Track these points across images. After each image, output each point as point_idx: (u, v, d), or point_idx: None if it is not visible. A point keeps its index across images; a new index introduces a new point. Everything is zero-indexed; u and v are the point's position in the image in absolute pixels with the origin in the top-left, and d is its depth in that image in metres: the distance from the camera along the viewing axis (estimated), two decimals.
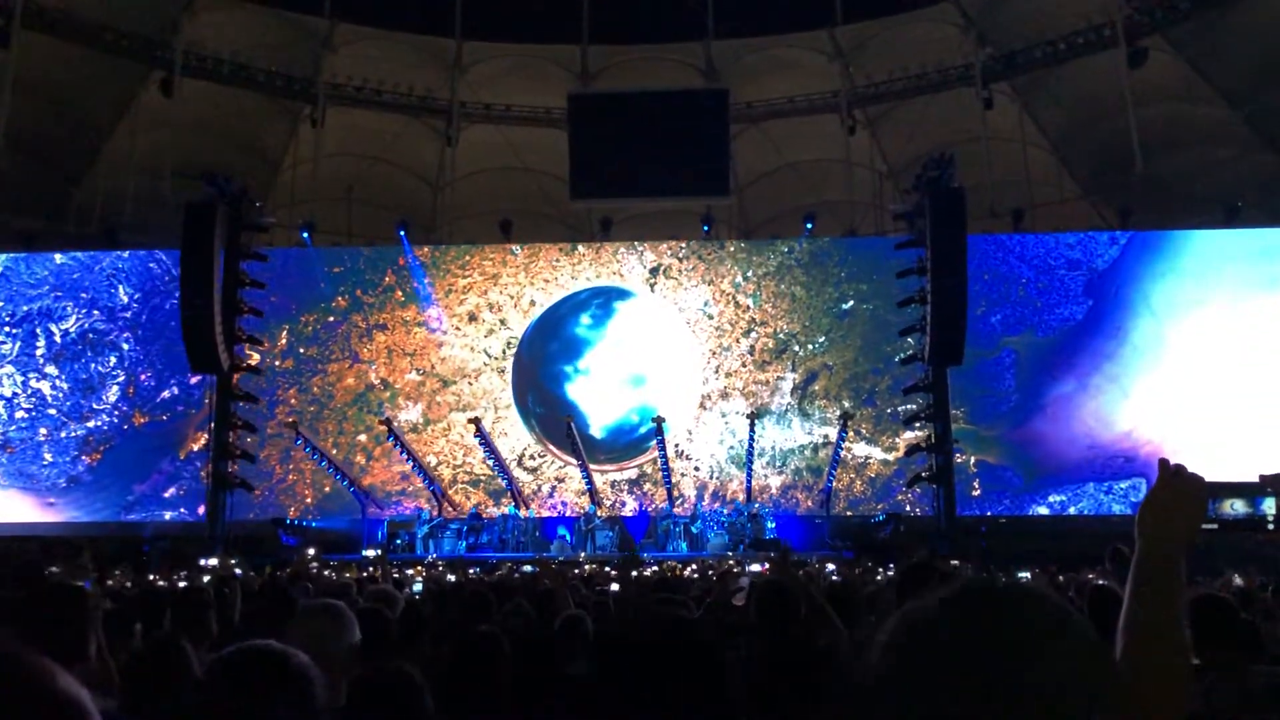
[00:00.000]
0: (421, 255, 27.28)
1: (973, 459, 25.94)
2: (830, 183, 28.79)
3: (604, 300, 26.90)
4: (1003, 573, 13.03)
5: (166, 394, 27.29)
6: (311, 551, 11.57)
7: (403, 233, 25.95)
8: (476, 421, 23.98)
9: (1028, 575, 11.35)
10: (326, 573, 13.30)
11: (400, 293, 27.42)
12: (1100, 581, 7.88)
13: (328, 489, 25.87)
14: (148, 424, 27.06)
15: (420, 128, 29.65)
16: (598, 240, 27.35)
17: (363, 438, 26.27)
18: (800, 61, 28.83)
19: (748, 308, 27.50)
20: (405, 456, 24.18)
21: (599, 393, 26.39)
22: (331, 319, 26.96)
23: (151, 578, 12.07)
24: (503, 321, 27.43)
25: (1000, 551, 19.44)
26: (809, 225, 25.92)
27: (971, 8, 27.40)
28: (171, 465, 26.80)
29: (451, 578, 13.17)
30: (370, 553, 20.20)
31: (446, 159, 29.35)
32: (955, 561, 15.71)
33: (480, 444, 24.29)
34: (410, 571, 13.52)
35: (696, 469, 26.27)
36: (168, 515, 26.04)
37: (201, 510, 25.31)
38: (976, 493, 25.88)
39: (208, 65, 26.66)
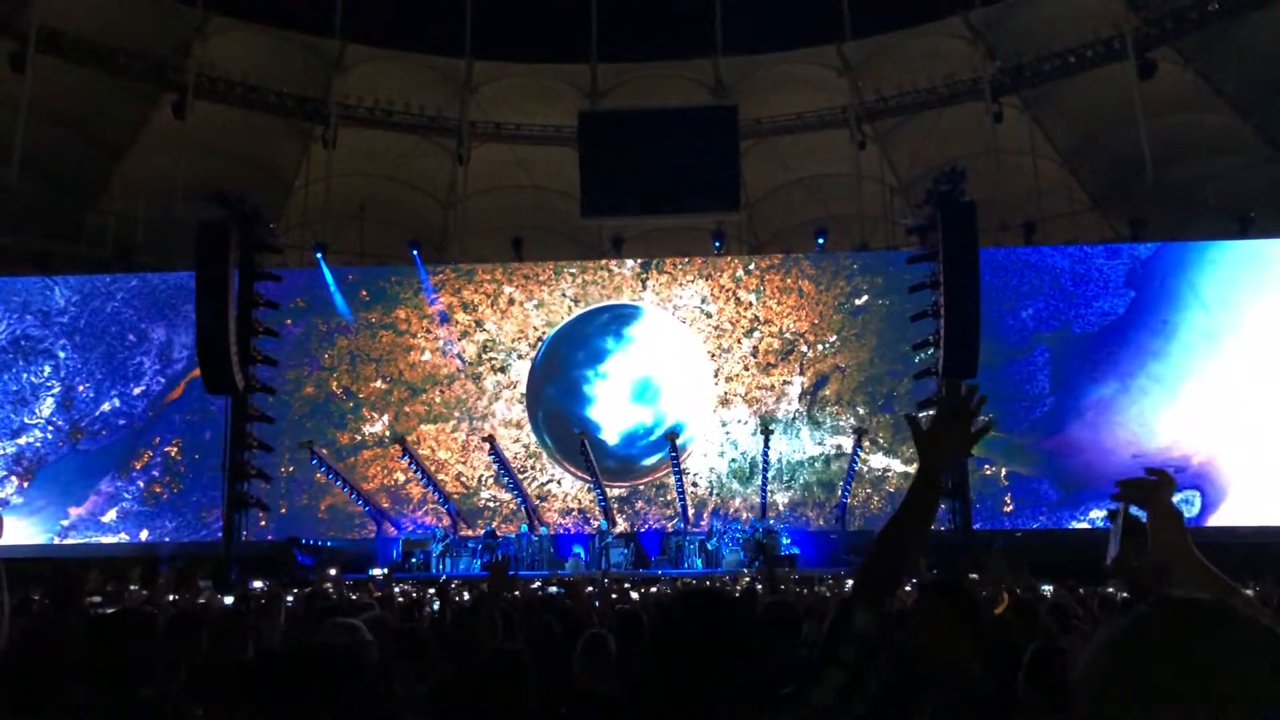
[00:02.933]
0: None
1: (1003, 471, 24.00)
2: (840, 197, 28.74)
3: (619, 323, 26.16)
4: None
5: (107, 406, 25.47)
6: (333, 571, 11.58)
7: (415, 252, 25.94)
8: (491, 439, 23.74)
9: (1049, 589, 11.27)
10: (345, 592, 13.28)
11: (365, 292, 26.32)
12: (1123, 595, 7.85)
13: (284, 510, 24.23)
14: (85, 440, 25.20)
15: (431, 147, 29.76)
16: (609, 258, 27.21)
17: (323, 453, 23.92)
18: (809, 77, 28.90)
19: (750, 304, 26.00)
20: (420, 475, 24.00)
21: (614, 403, 25.55)
22: (289, 321, 24.76)
23: (172, 598, 12.08)
24: (478, 323, 26.27)
25: (1015, 562, 19.19)
26: (820, 240, 25.87)
27: (980, 21, 27.44)
28: (112, 485, 24.99)
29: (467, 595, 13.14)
30: (377, 571, 20.12)
31: (458, 178, 29.47)
32: (974, 575, 15.61)
33: (494, 462, 23.97)
34: (431, 591, 13.50)
35: (695, 484, 24.99)
36: (106, 540, 24.22)
37: (146, 535, 24.48)
38: (1009, 508, 23.94)
39: (220, 87, 26.82)
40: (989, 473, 23.68)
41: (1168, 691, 0.99)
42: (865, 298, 25.93)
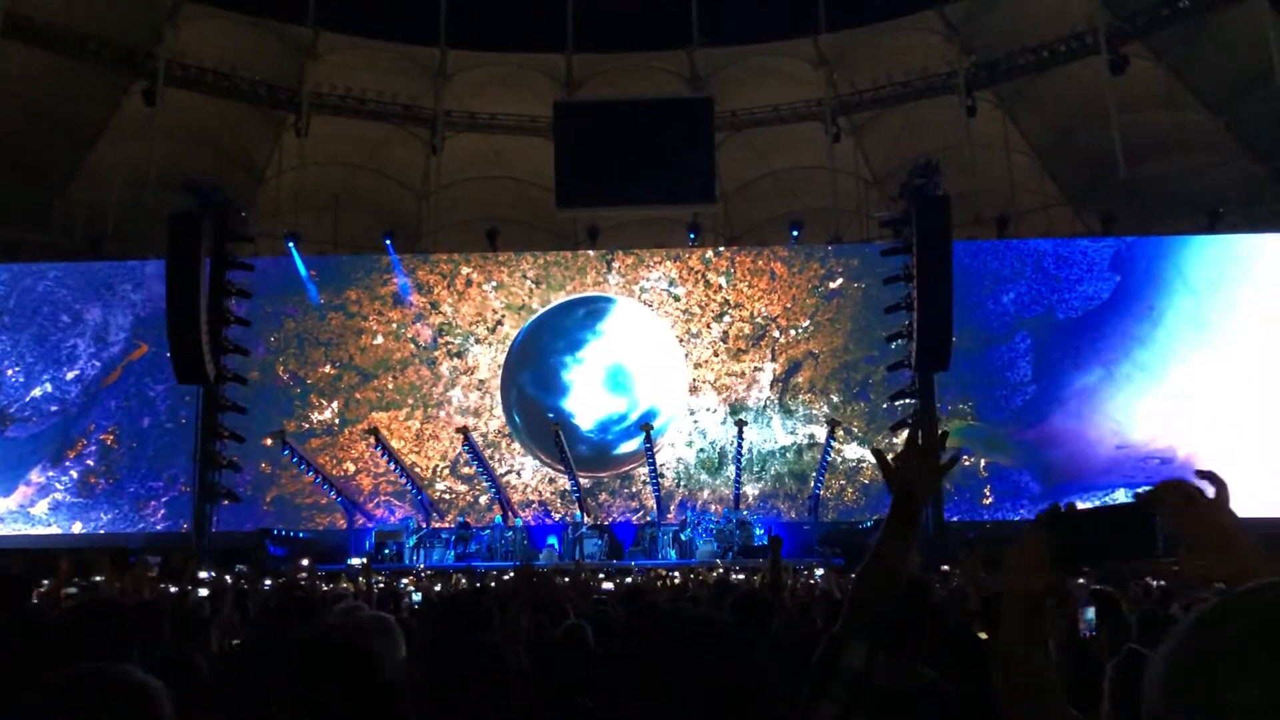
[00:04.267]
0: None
1: (983, 462, 23.04)
2: (815, 190, 28.81)
3: (594, 318, 25.69)
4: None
5: (38, 391, 24.21)
6: (305, 562, 11.56)
7: (389, 242, 25.74)
8: (465, 430, 23.46)
9: None
10: (317, 583, 13.21)
11: (315, 271, 25.35)
12: (1094, 586, 7.91)
13: (226, 502, 22.32)
14: (14, 427, 24.04)
15: (405, 136, 29.59)
16: (584, 248, 27.10)
17: (267, 442, 22.24)
18: (784, 69, 28.93)
19: (720, 287, 25.27)
20: (393, 466, 23.74)
21: (589, 389, 25.03)
22: (232, 302, 22.37)
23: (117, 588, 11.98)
24: (433, 305, 25.49)
25: (990, 558, 19.16)
26: (795, 233, 25.87)
27: (955, 16, 27.55)
28: (43, 475, 23.78)
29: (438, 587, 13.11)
30: (355, 562, 19.97)
31: (432, 168, 29.31)
32: (945, 567, 15.70)
33: (469, 454, 23.65)
34: (405, 582, 13.46)
35: (662, 475, 24.03)
36: (36, 531, 22.99)
37: (79, 528, 23.37)
38: (988, 500, 23.03)
39: (191, 74, 26.56)
40: (968, 463, 22.82)
41: (1260, 675, 0.92)
42: (840, 281, 25.17)
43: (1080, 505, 1.83)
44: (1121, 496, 21.98)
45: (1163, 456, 22.30)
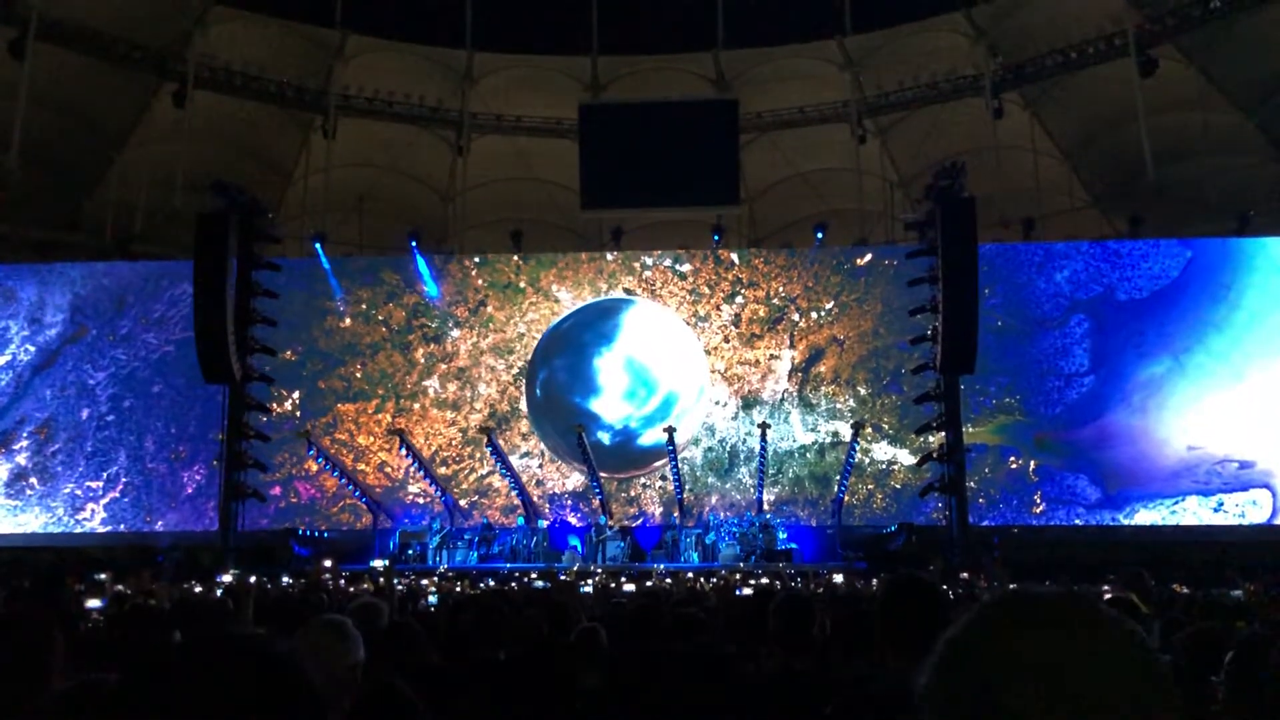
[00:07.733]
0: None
1: (1032, 464, 20.69)
2: (841, 192, 28.70)
3: (613, 327, 24.95)
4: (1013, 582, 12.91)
5: None
6: (328, 563, 11.55)
7: (414, 243, 25.80)
8: (489, 432, 23.33)
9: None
10: (340, 583, 13.29)
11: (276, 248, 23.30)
12: (1113, 594, 7.84)
13: (179, 497, 21.56)
14: None
15: (431, 138, 29.72)
16: (609, 249, 27.05)
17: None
18: (810, 71, 28.84)
19: (732, 263, 23.40)
20: (417, 466, 23.72)
21: (615, 381, 23.97)
22: (187, 284, 20.56)
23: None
24: (406, 283, 24.02)
25: (1013, 563, 18.92)
26: (819, 234, 25.73)
27: (981, 18, 27.37)
28: None
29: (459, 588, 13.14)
30: (377, 563, 19.99)
31: (457, 169, 29.42)
32: (965, 574, 15.62)
33: (493, 456, 23.52)
34: (425, 583, 13.49)
35: (665, 478, 22.45)
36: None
37: (8, 529, 21.96)
38: (1039, 509, 20.60)
39: (220, 77, 26.79)
40: (1015, 466, 20.83)
41: (1004, 700, 0.89)
42: (869, 256, 22.93)
43: None
44: (1194, 506, 19.16)
45: (1240, 460, 19.83)
